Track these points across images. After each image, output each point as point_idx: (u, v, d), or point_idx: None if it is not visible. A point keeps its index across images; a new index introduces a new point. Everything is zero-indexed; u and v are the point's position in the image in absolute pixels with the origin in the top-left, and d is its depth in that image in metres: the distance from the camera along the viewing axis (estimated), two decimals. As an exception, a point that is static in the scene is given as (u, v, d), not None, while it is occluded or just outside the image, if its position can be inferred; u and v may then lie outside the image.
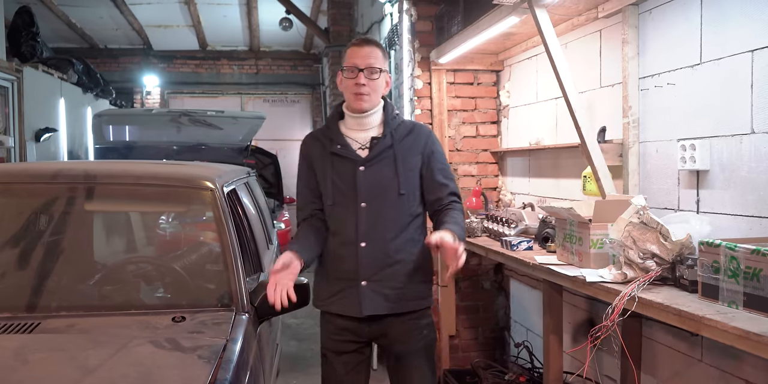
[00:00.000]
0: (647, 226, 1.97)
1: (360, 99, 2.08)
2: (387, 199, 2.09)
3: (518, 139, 3.76)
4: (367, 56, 2.06)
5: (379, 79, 2.09)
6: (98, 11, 9.14)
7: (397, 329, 2.13)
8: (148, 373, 1.62)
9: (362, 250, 2.07)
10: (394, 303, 2.09)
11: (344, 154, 2.11)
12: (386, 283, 2.08)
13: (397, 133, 2.14)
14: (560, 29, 3.08)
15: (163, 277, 2.28)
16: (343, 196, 2.11)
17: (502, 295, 4.03)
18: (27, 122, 6.54)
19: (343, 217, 2.11)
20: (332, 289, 2.16)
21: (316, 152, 2.18)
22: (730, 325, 1.48)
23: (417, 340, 2.14)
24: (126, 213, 2.55)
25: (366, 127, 2.14)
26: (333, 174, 2.12)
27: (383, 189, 2.09)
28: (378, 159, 2.10)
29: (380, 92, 2.13)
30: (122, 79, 10.77)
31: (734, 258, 1.62)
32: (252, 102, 11.58)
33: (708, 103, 2.22)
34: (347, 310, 2.11)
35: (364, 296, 2.08)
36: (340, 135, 2.15)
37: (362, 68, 2.05)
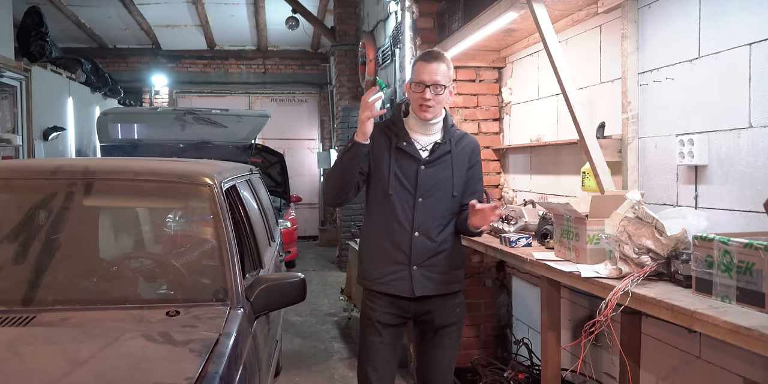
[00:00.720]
0: (642, 220, 1.95)
1: (425, 111, 2.32)
2: (441, 197, 2.37)
3: (520, 136, 3.74)
4: (434, 73, 2.29)
5: (442, 94, 2.32)
6: (107, 11, 9.22)
7: (439, 306, 2.42)
8: (138, 365, 1.63)
9: (415, 239, 2.35)
10: (438, 285, 2.39)
11: (409, 151, 2.37)
12: (433, 269, 2.38)
13: (454, 140, 2.41)
14: (561, 25, 3.07)
15: (159, 272, 2.29)
16: (403, 188, 2.36)
17: (504, 292, 4.01)
18: (35, 121, 6.60)
19: (401, 208, 2.36)
20: (383, 270, 2.40)
21: (380, 142, 2.39)
22: (721, 320, 1.47)
23: (453, 316, 2.45)
24: (124, 209, 2.56)
25: (429, 132, 2.40)
26: (396, 167, 2.37)
27: (439, 188, 2.37)
28: (438, 162, 2.37)
29: (443, 104, 2.37)
30: (131, 78, 10.86)
31: (727, 252, 1.60)
32: (260, 101, 11.63)
33: (706, 97, 2.20)
34: (400, 290, 2.37)
35: (415, 279, 2.36)
36: (406, 133, 2.39)
37: (429, 85, 2.28)
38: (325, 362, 4.56)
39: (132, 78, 10.89)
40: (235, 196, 3.10)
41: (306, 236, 11.37)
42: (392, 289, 2.38)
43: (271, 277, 2.39)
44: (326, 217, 11.53)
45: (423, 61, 2.32)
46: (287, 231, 7.98)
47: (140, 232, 2.52)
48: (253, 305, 2.26)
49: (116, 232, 2.49)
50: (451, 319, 2.44)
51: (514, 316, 3.96)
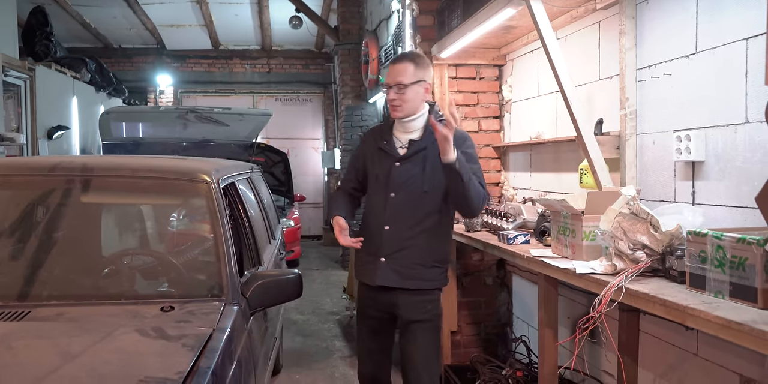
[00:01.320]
0: (637, 216, 1.94)
1: (394, 110, 2.43)
2: (412, 193, 2.42)
3: (520, 134, 3.73)
4: (396, 74, 2.41)
5: (407, 92, 2.38)
6: (112, 11, 9.25)
7: (405, 301, 2.44)
8: (130, 359, 1.63)
9: (386, 232, 2.43)
10: (403, 279, 2.42)
11: (387, 150, 2.48)
12: (400, 262, 2.42)
13: (432, 137, 2.37)
14: (559, 22, 3.06)
15: (155, 268, 2.30)
16: (379, 185, 2.48)
17: (504, 291, 4.00)
18: (39, 120, 6.64)
19: (376, 203, 2.49)
20: (362, 261, 2.55)
21: (369, 144, 2.57)
22: (712, 315, 1.45)
23: (421, 313, 2.44)
24: (122, 205, 2.57)
25: (409, 130, 2.47)
26: (377, 167, 2.50)
27: (410, 184, 2.43)
28: (412, 158, 2.43)
29: (415, 101, 2.42)
30: (136, 78, 10.90)
31: (720, 247, 1.59)
32: (264, 101, 11.64)
33: (703, 93, 2.18)
34: (366, 279, 2.50)
35: (380, 269, 2.44)
36: (390, 134, 2.51)
37: (391, 85, 2.40)
38: (326, 360, 4.56)
39: (137, 78, 10.93)
40: (234, 194, 3.11)
41: (310, 235, 11.38)
42: (362, 278, 2.53)
43: (267, 273, 2.40)
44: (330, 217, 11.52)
45: (390, 64, 2.45)
46: (290, 230, 7.99)
47: (137, 228, 2.53)
48: (249, 301, 2.26)
49: (114, 228, 2.50)
50: (418, 315, 2.43)
51: (515, 315, 3.95)
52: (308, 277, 7.83)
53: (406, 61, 2.40)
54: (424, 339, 2.43)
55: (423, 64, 2.42)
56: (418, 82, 2.38)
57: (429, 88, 2.45)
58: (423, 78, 2.40)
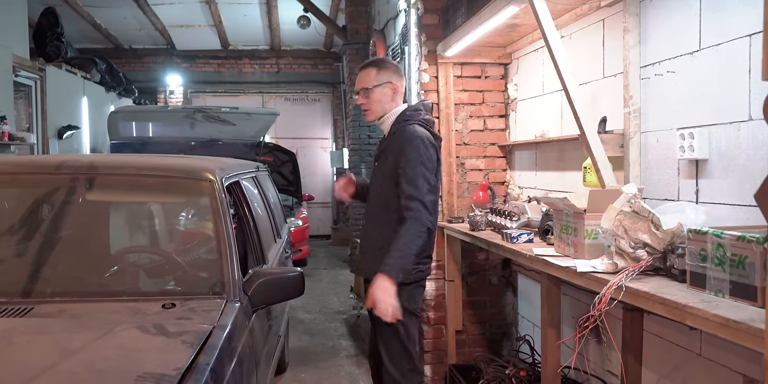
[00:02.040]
0: (639, 214, 1.93)
1: (365, 114, 2.62)
2: (376, 190, 2.60)
3: (526, 133, 3.72)
4: (359, 81, 2.59)
5: (372, 95, 2.53)
6: (122, 12, 9.31)
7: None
8: (128, 356, 1.65)
9: (364, 226, 2.70)
10: (366, 271, 2.58)
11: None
12: (368, 254, 2.59)
13: (393, 135, 2.52)
14: (564, 20, 3.04)
15: (157, 265, 2.31)
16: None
17: (509, 290, 3.98)
18: (50, 120, 6.71)
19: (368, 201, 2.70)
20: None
21: None
22: (711, 313, 1.44)
23: None
24: (126, 203, 2.59)
25: (385, 132, 2.62)
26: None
27: (374, 185, 2.62)
28: (380, 158, 2.58)
29: (382, 103, 2.56)
30: (146, 78, 10.97)
31: (721, 245, 1.58)
32: (273, 101, 11.68)
33: (707, 90, 2.16)
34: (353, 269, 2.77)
35: (357, 260, 2.77)
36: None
37: (357, 91, 2.58)
38: (332, 359, 4.57)
39: (147, 78, 11.01)
40: (238, 192, 3.12)
41: (319, 235, 11.39)
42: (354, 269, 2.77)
43: (269, 271, 2.40)
44: (339, 216, 11.55)
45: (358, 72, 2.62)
46: (299, 229, 8.01)
47: (141, 226, 2.54)
48: (251, 299, 2.27)
49: (118, 226, 2.52)
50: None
51: (520, 314, 3.94)
52: (316, 277, 7.85)
53: (369, 67, 2.56)
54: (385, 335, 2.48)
55: (387, 67, 2.53)
56: (382, 85, 2.51)
57: (398, 88, 2.55)
58: (388, 80, 2.52)
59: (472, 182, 3.91)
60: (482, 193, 3.77)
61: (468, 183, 3.92)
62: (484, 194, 3.77)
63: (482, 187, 3.79)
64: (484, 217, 3.33)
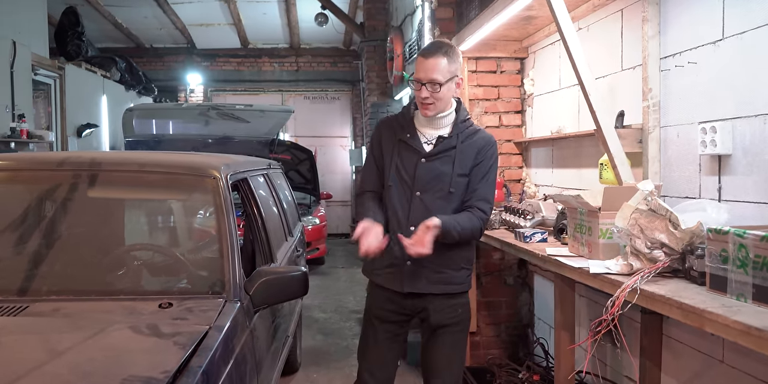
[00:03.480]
0: (655, 213, 1.82)
1: (425, 108, 2.24)
2: (438, 192, 2.25)
3: (543, 129, 3.60)
4: (430, 69, 2.17)
5: (441, 91, 2.19)
6: (142, 11, 9.36)
7: (435, 305, 2.29)
8: (117, 357, 1.59)
9: (411, 233, 2.19)
10: (432, 284, 2.26)
11: (411, 144, 2.28)
12: (428, 266, 2.24)
13: (463, 135, 2.28)
14: (581, 11, 2.93)
15: (156, 264, 2.26)
16: (402, 181, 2.28)
17: (526, 291, 3.87)
18: (69, 118, 6.77)
19: (399, 201, 2.29)
20: (383, 262, 2.30)
21: (387, 135, 2.35)
22: (731, 320, 1.33)
23: (451, 316, 2.30)
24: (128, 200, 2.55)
25: (437, 126, 2.30)
26: (398, 159, 2.29)
27: (437, 183, 2.25)
28: (439, 156, 2.25)
29: (447, 99, 2.24)
30: (167, 77, 11.03)
31: (743, 246, 1.46)
32: (293, 99, 11.66)
33: (730, 81, 2.04)
34: (392, 285, 2.29)
35: (406, 275, 2.26)
36: (413, 126, 2.31)
37: (425, 82, 2.18)
38: (345, 359, 4.50)
39: (168, 77, 11.06)
40: (246, 190, 3.06)
41: (338, 234, 11.34)
42: (386, 283, 2.31)
43: (272, 270, 2.33)
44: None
45: (420, 57, 2.21)
46: (316, 228, 7.96)
47: (142, 223, 2.50)
48: (253, 299, 2.21)
49: (119, 223, 2.48)
50: (448, 319, 2.29)
51: (536, 316, 3.82)
52: (333, 275, 7.79)
53: (440, 56, 2.17)
54: (454, 344, 2.31)
55: (456, 56, 2.21)
56: (452, 79, 2.20)
57: (461, 82, 2.28)
58: (456, 73, 2.22)
59: (487, 180, 3.80)
60: (497, 191, 3.65)
61: (483, 180, 3.81)
62: (498, 192, 3.66)
63: (497, 185, 3.68)
64: (498, 215, 3.23)
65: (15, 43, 5.52)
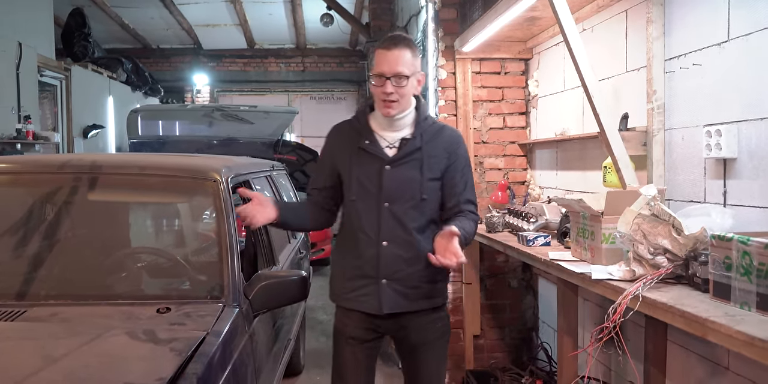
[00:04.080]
0: (658, 218, 1.79)
1: (388, 106, 2.04)
2: (410, 201, 2.08)
3: (547, 131, 3.57)
4: (394, 62, 1.99)
5: (407, 86, 2.03)
6: (149, 12, 9.37)
7: (415, 323, 2.16)
8: (112, 364, 1.58)
9: (383, 249, 2.06)
10: (412, 301, 2.11)
11: (371, 151, 2.09)
12: (406, 282, 2.09)
13: (427, 134, 2.11)
14: (585, 12, 2.90)
15: (155, 268, 2.25)
16: (366, 193, 2.09)
17: (530, 294, 3.84)
18: (75, 119, 6.79)
19: (366, 215, 2.09)
20: (352, 285, 2.14)
21: (341, 144, 2.16)
22: (734, 330, 1.30)
23: (433, 332, 2.18)
24: (127, 203, 2.54)
25: (398, 128, 2.11)
26: (358, 170, 2.10)
27: (406, 191, 2.07)
28: (405, 160, 2.08)
29: (410, 95, 2.09)
30: (174, 78, 11.05)
31: (747, 253, 1.43)
32: (299, 99, 11.65)
33: (736, 84, 2.01)
34: (367, 307, 2.11)
35: (383, 294, 2.08)
36: (370, 131, 2.12)
37: (389, 76, 1.99)
38: (348, 362, 4.48)
39: (174, 77, 11.08)
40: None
41: (344, 234, 11.32)
42: (360, 306, 2.11)
43: (271, 274, 2.32)
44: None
45: (382, 50, 2.00)
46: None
47: (142, 227, 2.49)
48: (252, 303, 2.20)
49: (118, 227, 2.47)
50: (430, 335, 2.16)
51: (540, 319, 3.79)
52: (338, 276, 7.76)
53: (404, 47, 1.99)
54: (435, 359, 2.19)
55: (416, 51, 2.05)
56: (415, 74, 2.04)
57: (422, 79, 2.09)
58: (418, 68, 2.05)
59: (491, 182, 3.78)
60: (501, 193, 3.63)
61: (487, 183, 3.79)
62: (503, 194, 3.64)
63: (501, 187, 3.66)
64: (502, 218, 3.20)
65: (21, 44, 5.54)
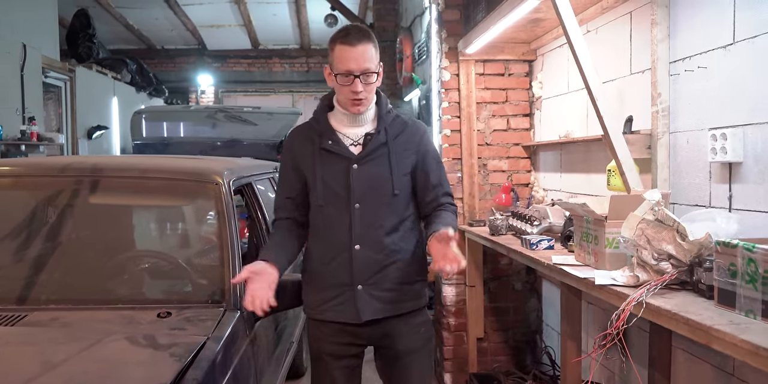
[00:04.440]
0: (662, 223, 1.77)
1: (358, 104, 1.95)
2: (381, 199, 1.99)
3: (551, 133, 3.55)
4: (361, 59, 1.88)
5: (375, 83, 1.94)
6: (153, 12, 9.38)
7: (398, 330, 2.05)
8: (111, 369, 1.57)
9: (356, 252, 1.97)
10: (392, 305, 2.02)
11: (336, 151, 1.99)
12: (382, 286, 2.00)
13: (392, 129, 2.03)
14: (589, 13, 2.88)
15: (156, 272, 2.25)
16: (335, 195, 1.98)
17: (534, 297, 3.82)
18: (80, 120, 6.80)
19: (336, 219, 1.99)
20: (325, 295, 2.03)
21: (303, 148, 2.04)
22: (739, 338, 1.28)
23: (417, 339, 2.09)
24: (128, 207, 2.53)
25: (361, 123, 2.02)
26: (323, 172, 1.99)
27: (377, 188, 1.99)
28: (372, 156, 1.99)
29: (374, 92, 2.00)
30: (178, 78, 11.07)
31: (752, 260, 1.41)
32: (303, 100, 11.65)
33: (742, 87, 1.98)
34: (344, 316, 2.01)
35: (361, 301, 1.98)
36: (331, 130, 2.01)
37: (358, 74, 1.88)
38: (351, 364, 4.46)
39: (179, 78, 11.10)
40: (251, 194, 3.04)
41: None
42: (336, 316, 2.00)
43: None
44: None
45: (345, 45, 1.88)
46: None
47: (143, 231, 2.48)
48: (253, 308, 2.19)
49: (119, 231, 2.46)
50: (415, 342, 2.07)
51: (545, 322, 3.77)
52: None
53: (367, 42, 1.89)
54: (422, 367, 2.10)
55: (376, 43, 1.95)
56: (379, 67, 1.94)
57: (381, 73, 1.97)
58: (379, 62, 1.95)
59: (494, 184, 3.76)
60: (505, 196, 3.61)
61: (490, 185, 3.77)
62: (507, 197, 3.62)
63: (505, 189, 3.64)
64: (505, 220, 3.18)
65: (25, 46, 5.55)
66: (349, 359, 2.09)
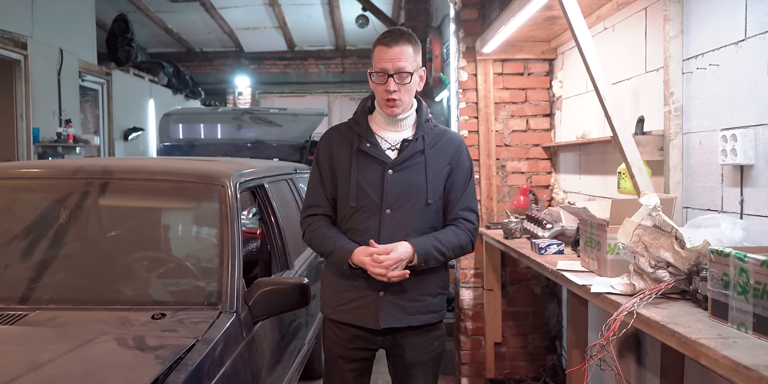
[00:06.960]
0: (660, 230, 1.68)
1: (392, 105, 1.96)
2: (413, 207, 1.99)
3: (570, 133, 3.45)
4: (396, 58, 1.91)
5: (411, 83, 1.95)
6: (191, 16, 9.60)
7: (411, 341, 2.07)
8: (93, 371, 1.58)
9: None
10: (411, 316, 2.02)
11: (373, 154, 1.99)
12: (406, 295, 2.00)
13: (429, 137, 2.03)
14: (605, 10, 2.79)
15: (156, 273, 2.27)
16: (367, 199, 1.99)
17: (554, 301, 3.72)
18: (116, 122, 6.99)
19: (365, 222, 1.99)
20: (346, 296, 2.05)
21: (340, 148, 2.05)
22: (720, 354, 1.20)
23: (427, 352, 2.10)
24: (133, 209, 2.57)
25: (399, 128, 2.03)
26: (358, 174, 2.00)
27: (410, 196, 1.98)
28: (408, 163, 1.99)
29: (413, 93, 2.01)
30: (216, 80, 11.29)
31: (744, 270, 1.33)
32: (338, 101, 11.71)
33: (753, 85, 1.87)
34: (363, 321, 2.02)
35: (381, 308, 1.99)
36: (370, 132, 2.03)
37: (392, 73, 1.91)
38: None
39: (217, 80, 11.32)
40: (263, 196, 3.05)
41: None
42: (354, 319, 2.02)
43: (271, 281, 2.30)
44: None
45: (382, 46, 1.93)
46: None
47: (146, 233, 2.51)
48: (252, 310, 2.19)
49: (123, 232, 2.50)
50: (425, 354, 2.07)
51: (564, 328, 3.67)
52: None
53: (405, 43, 1.91)
54: (427, 378, 2.10)
55: (419, 46, 1.98)
56: (417, 71, 1.96)
57: (424, 75, 2.00)
58: (420, 64, 1.98)
59: (513, 186, 3.68)
60: (523, 198, 3.53)
61: (509, 186, 3.69)
62: (525, 199, 3.53)
63: (523, 191, 3.56)
64: (520, 223, 3.11)
65: (62, 50, 5.74)
66: (360, 362, 2.12)
